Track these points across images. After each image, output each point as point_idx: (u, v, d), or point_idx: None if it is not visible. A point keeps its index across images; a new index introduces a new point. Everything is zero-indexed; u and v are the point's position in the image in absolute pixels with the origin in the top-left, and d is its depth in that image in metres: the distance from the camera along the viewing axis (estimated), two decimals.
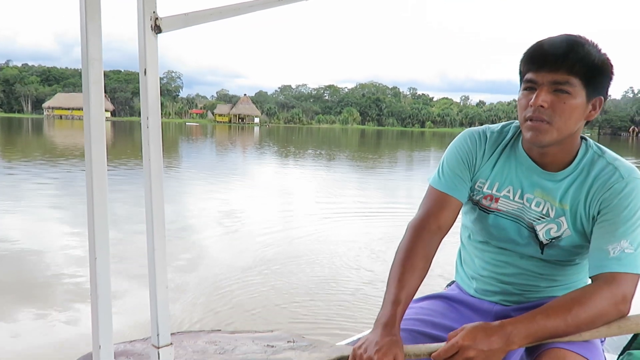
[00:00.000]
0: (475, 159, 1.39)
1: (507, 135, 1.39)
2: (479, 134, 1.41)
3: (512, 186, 1.36)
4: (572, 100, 1.21)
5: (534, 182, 1.33)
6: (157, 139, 0.93)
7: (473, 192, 1.41)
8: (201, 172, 15.16)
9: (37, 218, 7.73)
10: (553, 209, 1.32)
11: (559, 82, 1.20)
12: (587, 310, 1.14)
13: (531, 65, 1.24)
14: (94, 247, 0.86)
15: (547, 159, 1.31)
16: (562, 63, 1.19)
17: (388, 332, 1.16)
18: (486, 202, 1.39)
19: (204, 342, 1.21)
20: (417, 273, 1.28)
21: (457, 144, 1.42)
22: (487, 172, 1.38)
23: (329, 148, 32.44)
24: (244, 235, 7.18)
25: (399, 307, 1.21)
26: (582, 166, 1.30)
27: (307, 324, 4.03)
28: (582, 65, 1.19)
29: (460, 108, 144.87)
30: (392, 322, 1.18)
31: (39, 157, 17.85)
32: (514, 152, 1.37)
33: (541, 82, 1.22)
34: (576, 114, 1.23)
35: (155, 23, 0.91)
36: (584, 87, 1.21)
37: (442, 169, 1.41)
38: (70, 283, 4.82)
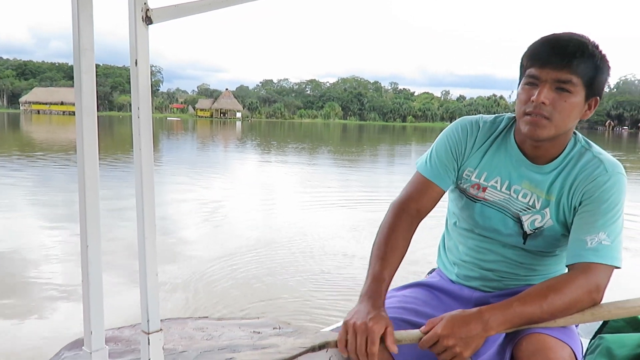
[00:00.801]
0: (464, 149, 1.42)
1: (499, 126, 1.42)
2: (471, 123, 1.44)
3: (500, 177, 1.40)
4: (572, 99, 1.24)
5: (522, 174, 1.37)
6: (147, 129, 0.94)
7: (461, 180, 1.44)
8: (184, 167, 15.08)
9: (14, 214, 7.62)
10: (539, 201, 1.36)
11: (562, 81, 1.23)
12: (562, 297, 1.19)
13: (535, 61, 1.26)
14: (85, 235, 0.88)
15: (539, 152, 1.35)
16: (568, 62, 1.22)
17: (375, 304, 1.21)
18: (473, 190, 1.42)
19: (192, 329, 1.23)
20: (398, 252, 1.33)
21: (449, 133, 1.45)
22: (476, 161, 1.42)
23: (312, 143, 32.45)
24: (226, 229, 7.19)
25: (383, 284, 1.27)
26: (569, 159, 1.35)
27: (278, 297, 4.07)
28: (586, 66, 1.22)
29: (441, 102, 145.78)
30: (378, 297, 1.23)
31: (24, 152, 17.52)
32: (504, 143, 1.40)
33: (544, 79, 1.24)
34: (575, 112, 1.27)
35: (146, 14, 0.92)
36: (584, 87, 1.25)
37: (431, 156, 1.45)
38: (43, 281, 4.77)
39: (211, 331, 1.22)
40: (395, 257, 1.31)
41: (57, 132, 35.18)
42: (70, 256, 5.45)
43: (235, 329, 1.24)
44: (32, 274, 4.90)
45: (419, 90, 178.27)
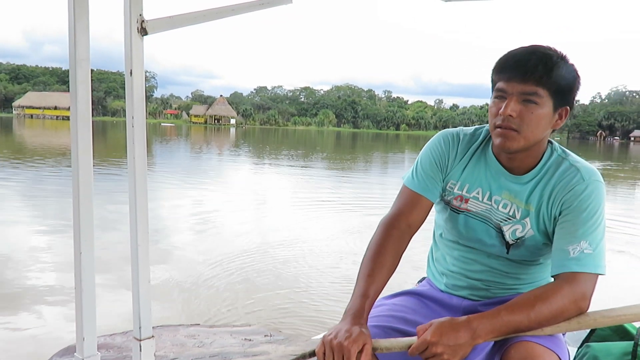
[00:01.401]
0: (447, 161, 1.45)
1: (478, 138, 1.45)
2: (452, 135, 1.47)
3: (481, 188, 1.42)
4: (539, 110, 1.27)
5: (502, 184, 1.40)
6: (141, 138, 0.96)
7: (445, 192, 1.47)
8: (180, 174, 15.07)
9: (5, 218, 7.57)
10: (519, 211, 1.38)
11: (528, 93, 1.26)
12: (549, 306, 1.20)
13: (502, 75, 1.30)
14: (79, 242, 0.89)
15: (515, 163, 1.38)
16: (531, 75, 1.25)
17: (357, 322, 1.21)
18: (457, 202, 1.45)
19: (183, 336, 1.24)
20: (386, 269, 1.33)
21: (432, 146, 1.48)
22: (458, 174, 1.44)
23: (307, 150, 32.56)
24: (215, 236, 7.17)
25: (368, 301, 1.27)
26: (547, 168, 1.37)
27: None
28: (549, 78, 1.25)
29: (434, 111, 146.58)
30: (361, 314, 1.24)
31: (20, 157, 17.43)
32: (484, 155, 1.43)
33: (510, 92, 1.27)
34: (543, 123, 1.29)
35: (141, 25, 0.94)
36: (551, 97, 1.27)
37: (416, 169, 1.46)
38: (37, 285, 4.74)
39: (202, 338, 1.22)
40: (382, 274, 1.32)
41: (51, 136, 35.05)
42: (56, 262, 5.41)
43: (226, 336, 1.25)
44: (23, 279, 4.87)
45: (412, 98, 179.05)
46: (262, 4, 1.25)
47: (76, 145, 0.88)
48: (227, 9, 1.15)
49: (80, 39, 0.88)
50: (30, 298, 4.39)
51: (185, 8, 1.05)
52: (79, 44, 0.88)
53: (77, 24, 0.87)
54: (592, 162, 1.56)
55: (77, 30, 0.87)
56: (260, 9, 1.26)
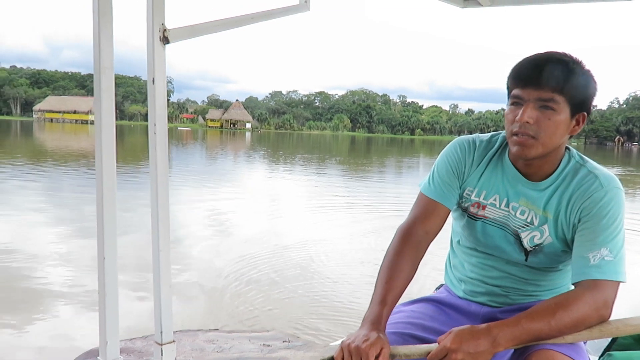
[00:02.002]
0: (464, 167, 1.44)
1: (495, 145, 1.45)
2: (468, 142, 1.46)
3: (499, 195, 1.41)
4: (556, 117, 1.26)
5: (519, 191, 1.39)
6: (163, 145, 0.97)
7: (462, 199, 1.46)
8: (200, 177, 15.27)
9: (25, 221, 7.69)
10: (537, 217, 1.37)
11: (544, 99, 1.25)
12: (570, 314, 1.19)
13: (518, 82, 1.29)
14: (102, 248, 0.90)
15: (532, 170, 1.37)
16: (547, 81, 1.24)
17: (375, 329, 1.21)
18: (474, 209, 1.44)
19: (202, 341, 1.25)
20: (404, 276, 1.33)
21: (448, 153, 1.47)
22: (475, 181, 1.44)
23: (323, 154, 32.74)
24: (232, 238, 7.22)
25: (386, 308, 1.27)
26: (564, 175, 1.36)
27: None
28: (566, 83, 1.24)
29: (449, 116, 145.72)
30: (379, 321, 1.24)
31: (48, 160, 17.73)
32: (500, 161, 1.43)
33: (527, 99, 1.26)
34: (560, 129, 1.28)
35: (163, 34, 0.95)
36: (568, 104, 1.26)
37: (433, 176, 1.46)
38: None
39: (222, 343, 1.23)
40: (400, 281, 1.32)
41: (72, 140, 35.66)
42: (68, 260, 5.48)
43: (245, 341, 1.25)
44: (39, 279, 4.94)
45: (427, 103, 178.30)
46: (280, 13, 1.27)
47: (100, 152, 0.90)
48: (246, 18, 1.16)
49: (104, 48, 0.90)
50: (49, 298, 4.46)
51: (202, 17, 1.07)
52: (103, 52, 0.90)
53: (101, 33, 0.89)
54: (611, 168, 1.54)
55: (101, 40, 0.89)
56: (279, 17, 1.27)
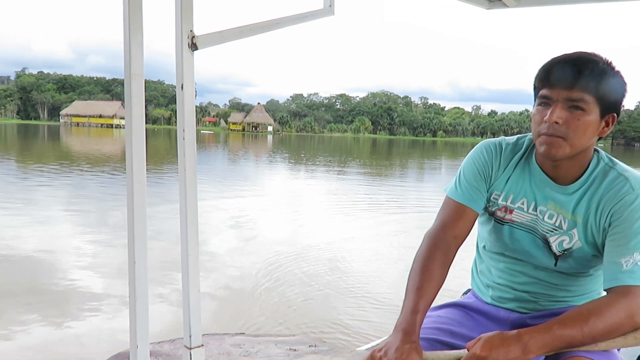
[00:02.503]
0: (491, 171, 1.42)
1: (521, 147, 1.42)
2: (494, 145, 1.44)
3: (526, 198, 1.38)
4: (586, 117, 1.23)
5: (547, 194, 1.36)
6: (192, 151, 0.98)
7: (489, 203, 1.44)
8: (228, 179, 15.53)
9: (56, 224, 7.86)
10: (565, 221, 1.34)
11: (574, 100, 1.22)
12: (603, 321, 1.16)
13: (546, 82, 1.26)
14: (133, 252, 0.91)
15: (560, 172, 1.33)
16: (577, 81, 1.21)
17: (408, 339, 1.18)
18: (501, 213, 1.42)
19: (229, 345, 1.25)
20: (434, 282, 1.31)
21: (474, 156, 1.45)
22: (502, 184, 1.41)
23: (347, 157, 32.88)
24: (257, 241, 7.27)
25: (418, 315, 1.24)
26: (593, 178, 1.32)
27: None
28: (596, 83, 1.21)
29: (472, 117, 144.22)
30: (412, 329, 1.21)
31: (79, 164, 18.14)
32: (527, 164, 1.40)
33: (556, 99, 1.24)
34: (590, 130, 1.25)
35: (192, 41, 0.96)
36: (598, 104, 1.23)
37: (459, 180, 1.44)
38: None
39: (248, 347, 1.24)
40: (431, 288, 1.29)
41: (100, 144, 36.38)
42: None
43: (271, 346, 1.25)
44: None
45: (449, 105, 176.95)
46: (305, 17, 1.27)
47: (131, 157, 0.91)
48: (272, 23, 1.17)
49: (134, 55, 0.91)
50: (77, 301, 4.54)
51: (226, 24, 1.07)
52: (133, 59, 0.91)
53: (132, 40, 0.90)
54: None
55: (132, 47, 0.90)
56: (304, 21, 1.27)
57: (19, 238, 6.72)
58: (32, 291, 4.77)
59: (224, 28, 1.06)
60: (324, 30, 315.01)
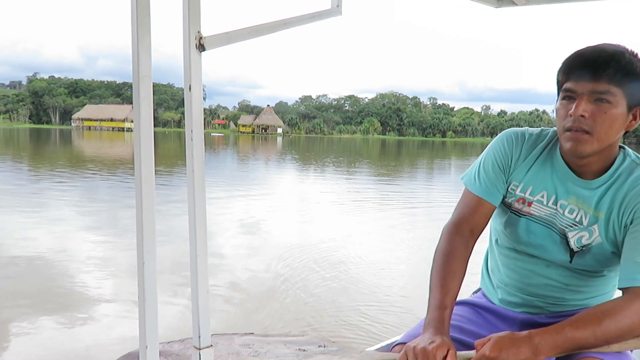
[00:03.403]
0: (510, 161, 1.38)
1: (545, 139, 1.38)
2: (517, 135, 1.40)
3: (547, 191, 1.35)
4: (613, 110, 1.19)
5: (569, 189, 1.32)
6: (200, 152, 0.98)
7: (507, 194, 1.40)
8: (242, 181, 15.68)
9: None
10: (587, 217, 1.31)
11: (600, 92, 1.18)
12: (617, 324, 1.14)
13: (571, 75, 1.22)
14: (142, 254, 0.92)
15: (585, 167, 1.30)
16: (603, 72, 1.17)
17: (439, 333, 1.18)
18: (518, 205, 1.38)
19: (238, 345, 1.26)
20: (457, 277, 1.30)
21: (495, 146, 1.41)
22: (521, 175, 1.38)
23: (359, 158, 33.05)
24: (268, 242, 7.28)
25: (446, 311, 1.24)
26: (619, 174, 1.29)
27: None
28: (623, 75, 1.18)
29: (481, 118, 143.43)
30: (442, 324, 1.21)
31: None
32: (550, 157, 1.36)
33: (581, 92, 1.20)
34: (617, 123, 1.21)
35: (199, 42, 0.97)
36: (624, 96, 1.19)
37: (479, 171, 1.40)
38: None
39: (257, 348, 1.24)
40: (455, 283, 1.29)
41: (112, 147, 36.78)
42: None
43: (280, 346, 1.25)
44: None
45: (458, 105, 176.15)
46: (312, 17, 1.27)
47: (139, 159, 0.91)
48: (279, 23, 1.17)
49: (142, 57, 0.91)
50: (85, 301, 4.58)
51: (234, 24, 1.08)
52: (141, 61, 0.91)
53: (140, 43, 0.91)
54: None
55: (140, 49, 0.91)
56: (311, 22, 1.27)
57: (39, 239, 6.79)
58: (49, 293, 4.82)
59: (232, 29, 1.07)
60: (332, 32, 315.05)
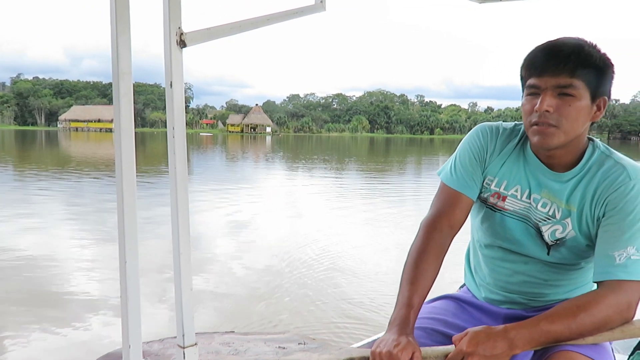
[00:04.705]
0: (486, 153, 1.39)
1: (518, 134, 1.39)
2: (491, 128, 1.42)
3: (520, 185, 1.36)
4: (577, 103, 1.21)
5: (541, 182, 1.33)
6: (182, 149, 0.97)
7: (482, 188, 1.41)
8: (237, 182, 15.62)
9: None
10: (559, 211, 1.32)
11: (563, 86, 1.20)
12: (591, 317, 1.15)
13: (533, 71, 1.24)
14: (124, 252, 0.91)
15: (554, 160, 1.31)
16: (565, 66, 1.19)
17: (403, 332, 1.18)
18: (493, 200, 1.39)
19: (218, 343, 1.24)
20: (429, 274, 1.29)
21: (470, 139, 1.42)
22: (496, 169, 1.38)
23: (348, 156, 33.12)
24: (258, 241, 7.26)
25: (412, 310, 1.23)
26: (589, 166, 1.30)
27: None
28: (584, 67, 1.19)
29: (468, 114, 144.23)
30: (406, 324, 1.20)
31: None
32: (523, 151, 1.37)
33: (544, 87, 1.22)
34: (582, 115, 1.23)
35: (180, 38, 0.95)
36: (587, 88, 1.21)
37: (455, 165, 1.41)
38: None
39: (237, 346, 1.23)
40: (425, 281, 1.28)
41: (97, 148, 36.47)
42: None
43: (260, 344, 1.25)
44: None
45: (445, 102, 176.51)
46: (296, 13, 1.26)
47: (120, 158, 0.90)
48: (262, 19, 1.16)
49: (122, 53, 0.90)
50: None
51: (217, 20, 1.06)
52: (121, 58, 0.90)
53: (119, 39, 0.89)
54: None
55: (119, 45, 0.90)
56: (294, 17, 1.27)
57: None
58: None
59: (214, 25, 1.06)
60: (318, 30, 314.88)
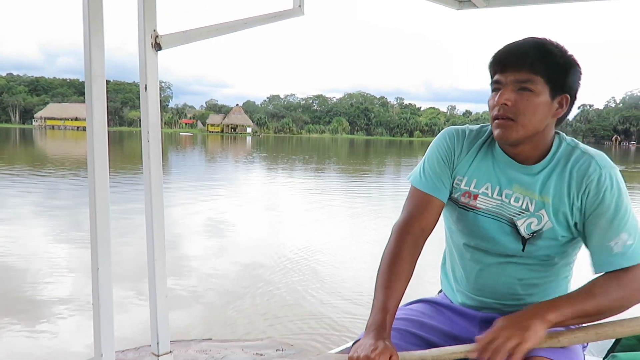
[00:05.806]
0: (453, 155, 1.42)
1: (484, 134, 1.42)
2: (457, 131, 1.44)
3: (490, 183, 1.38)
4: (535, 98, 1.25)
5: (511, 177, 1.35)
6: (157, 152, 0.96)
7: (452, 189, 1.42)
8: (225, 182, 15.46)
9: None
10: (533, 203, 1.33)
11: (521, 81, 1.25)
12: (620, 291, 1.21)
13: (497, 67, 1.29)
14: (96, 258, 0.88)
15: (521, 155, 1.34)
16: (523, 62, 1.24)
17: (380, 337, 1.19)
18: (465, 199, 1.40)
19: (195, 351, 1.23)
20: (403, 278, 1.31)
21: (437, 143, 1.45)
22: (464, 169, 1.40)
23: (330, 158, 33.13)
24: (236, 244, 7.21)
25: (388, 315, 1.24)
26: (558, 158, 1.33)
27: None
28: (542, 63, 1.23)
29: (447, 117, 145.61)
30: (383, 328, 1.21)
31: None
32: (491, 149, 1.40)
33: (505, 82, 1.27)
34: (540, 111, 1.26)
35: (155, 40, 0.94)
36: (546, 84, 1.25)
37: (424, 168, 1.43)
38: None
39: (214, 353, 1.22)
40: (400, 285, 1.29)
41: (74, 147, 35.81)
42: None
43: (238, 350, 1.24)
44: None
45: (424, 105, 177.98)
46: (274, 17, 1.26)
47: (92, 161, 0.88)
48: (239, 23, 1.15)
49: (95, 56, 0.88)
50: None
51: (195, 23, 1.05)
52: (94, 60, 0.88)
53: (92, 41, 0.88)
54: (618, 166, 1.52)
55: (92, 48, 0.88)
56: (273, 21, 1.26)
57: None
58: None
59: (190, 27, 1.05)
60: (299, 31, 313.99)
